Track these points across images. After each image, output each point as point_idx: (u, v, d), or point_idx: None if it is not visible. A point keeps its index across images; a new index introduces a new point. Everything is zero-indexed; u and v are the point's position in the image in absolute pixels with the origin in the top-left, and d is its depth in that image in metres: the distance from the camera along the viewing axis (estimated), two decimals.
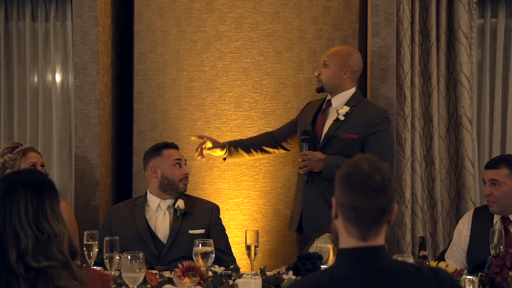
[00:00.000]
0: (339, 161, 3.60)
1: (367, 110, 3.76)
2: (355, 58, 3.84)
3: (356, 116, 3.73)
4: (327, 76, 3.79)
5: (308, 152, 3.70)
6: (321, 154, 3.68)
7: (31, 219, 1.97)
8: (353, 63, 3.81)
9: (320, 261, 2.96)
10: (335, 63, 3.79)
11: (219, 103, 4.39)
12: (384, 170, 1.83)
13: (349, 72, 3.79)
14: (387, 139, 3.75)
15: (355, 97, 3.81)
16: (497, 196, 3.42)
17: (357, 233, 1.83)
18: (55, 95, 4.49)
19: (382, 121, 3.74)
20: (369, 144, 3.69)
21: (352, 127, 3.71)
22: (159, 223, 3.56)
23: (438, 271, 1.87)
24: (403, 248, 4.16)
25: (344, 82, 3.80)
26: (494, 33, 4.43)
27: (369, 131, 3.70)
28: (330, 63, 3.80)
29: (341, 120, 3.73)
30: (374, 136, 3.70)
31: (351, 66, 3.80)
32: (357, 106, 3.76)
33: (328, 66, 3.80)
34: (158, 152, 3.65)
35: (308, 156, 3.68)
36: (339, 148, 3.69)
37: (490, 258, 2.97)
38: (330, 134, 3.73)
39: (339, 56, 3.81)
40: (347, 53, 3.84)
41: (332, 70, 3.79)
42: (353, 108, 3.75)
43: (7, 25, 4.52)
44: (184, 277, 2.75)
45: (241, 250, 3.94)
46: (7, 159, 3.68)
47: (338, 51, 3.86)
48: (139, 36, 4.40)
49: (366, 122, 3.71)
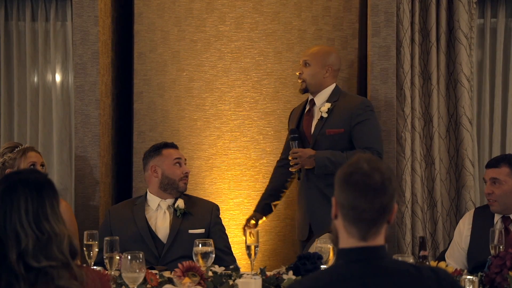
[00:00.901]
0: (328, 154, 3.69)
1: (348, 103, 3.82)
2: (334, 57, 3.91)
3: (338, 110, 3.80)
4: (310, 75, 3.84)
5: (299, 149, 3.75)
6: (311, 150, 3.74)
7: (32, 219, 1.97)
8: (332, 62, 3.87)
9: (320, 261, 2.95)
10: (316, 61, 3.85)
11: (219, 103, 4.39)
12: (384, 170, 1.83)
13: (330, 71, 3.85)
14: (372, 127, 3.80)
15: (335, 92, 3.87)
16: (498, 195, 3.43)
17: (357, 233, 1.83)
18: (55, 95, 4.49)
19: (364, 110, 3.79)
20: (355, 135, 3.76)
21: (336, 121, 3.78)
22: (159, 222, 3.56)
23: (438, 271, 1.87)
24: (403, 248, 4.16)
25: (326, 80, 3.86)
26: (494, 33, 4.43)
27: (353, 122, 3.76)
28: (311, 62, 3.85)
29: (325, 117, 3.79)
30: (358, 126, 3.76)
31: (331, 65, 3.86)
32: (338, 101, 3.83)
33: (309, 65, 3.85)
34: (158, 152, 3.65)
35: (299, 153, 3.73)
36: (328, 145, 3.75)
37: (490, 258, 2.97)
38: (317, 133, 3.79)
39: (320, 55, 3.86)
40: (326, 52, 3.90)
41: (314, 69, 3.84)
42: (334, 104, 3.81)
43: (7, 25, 4.52)
44: (184, 277, 2.75)
45: (241, 250, 3.94)
46: (7, 159, 3.68)
47: (318, 50, 3.91)
48: (139, 36, 4.40)
49: (349, 114, 3.77)
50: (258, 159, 4.33)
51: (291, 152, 3.76)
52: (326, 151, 3.72)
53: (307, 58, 3.87)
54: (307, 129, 3.85)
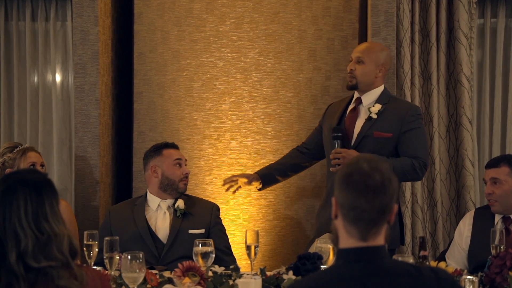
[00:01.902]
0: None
1: (400, 108, 3.66)
2: (387, 56, 3.74)
3: (388, 114, 3.62)
4: (363, 72, 3.65)
5: (343, 150, 3.54)
6: (356, 152, 3.53)
7: (31, 219, 1.97)
8: (385, 61, 3.70)
9: (320, 261, 2.95)
10: (370, 60, 3.66)
11: (219, 103, 4.39)
12: (384, 170, 1.83)
13: (383, 71, 3.69)
14: (422, 136, 3.65)
15: (385, 94, 3.70)
16: (498, 195, 3.43)
17: (357, 233, 1.83)
18: (55, 95, 4.49)
19: (416, 118, 3.63)
20: (403, 142, 3.59)
21: (386, 125, 3.60)
22: (159, 223, 3.56)
23: (438, 271, 1.87)
24: (403, 248, 4.16)
25: (377, 80, 3.68)
26: (494, 33, 4.43)
27: (404, 128, 3.59)
28: (365, 60, 3.66)
29: (374, 119, 3.61)
30: (408, 133, 3.59)
31: (385, 64, 3.69)
32: (388, 103, 3.65)
33: (363, 63, 3.66)
34: (158, 152, 3.65)
35: (342, 154, 3.52)
36: (373, 147, 3.57)
37: (490, 258, 2.97)
38: (363, 133, 3.61)
39: (374, 53, 3.68)
40: (381, 50, 3.73)
41: (368, 67, 3.65)
42: (385, 106, 3.64)
43: (7, 25, 4.52)
44: (184, 277, 2.75)
45: (241, 250, 3.94)
46: (6, 159, 3.68)
47: (372, 47, 3.73)
48: (139, 36, 4.40)
49: (400, 120, 3.60)
50: (258, 159, 4.33)
51: (334, 152, 3.54)
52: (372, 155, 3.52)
53: (360, 55, 3.67)
54: (350, 127, 3.66)
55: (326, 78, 4.37)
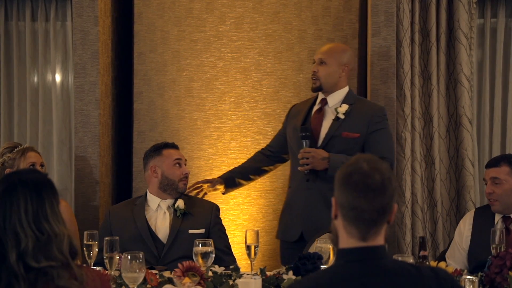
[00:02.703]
0: (343, 159, 3.51)
1: (366, 108, 3.72)
2: (350, 56, 3.79)
3: (355, 114, 3.68)
4: (326, 74, 3.71)
5: (312, 149, 3.59)
6: (324, 151, 3.59)
7: (31, 219, 1.96)
8: (348, 61, 3.75)
9: (320, 261, 2.95)
10: (333, 60, 3.71)
11: (219, 103, 4.39)
12: (383, 170, 1.83)
13: (346, 70, 3.74)
14: (388, 137, 3.72)
15: (351, 95, 3.76)
16: (498, 194, 3.43)
17: (357, 233, 1.83)
18: (55, 95, 4.49)
19: (382, 119, 3.70)
20: (370, 142, 3.65)
21: (353, 125, 3.65)
22: (159, 223, 3.56)
23: (438, 271, 1.87)
24: (403, 248, 4.16)
25: (341, 80, 3.74)
26: (494, 33, 4.43)
27: (370, 129, 3.65)
28: (327, 61, 3.71)
29: (342, 119, 3.66)
30: (375, 134, 3.65)
31: (347, 64, 3.74)
32: (354, 104, 3.71)
33: (325, 64, 3.71)
34: (158, 152, 3.65)
35: (312, 153, 3.57)
36: (341, 147, 3.62)
37: (490, 258, 2.97)
38: (331, 134, 3.66)
39: (336, 54, 3.73)
40: (343, 51, 3.78)
41: (331, 67, 3.71)
42: (351, 107, 3.69)
43: (7, 25, 4.52)
44: (184, 277, 2.75)
45: (241, 250, 3.94)
46: (6, 159, 3.69)
47: (334, 48, 3.78)
48: (139, 36, 4.40)
49: (367, 120, 3.66)
50: None
51: (303, 151, 3.58)
52: (341, 155, 3.55)
53: (322, 56, 3.72)
54: (317, 127, 3.70)
55: None
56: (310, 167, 3.60)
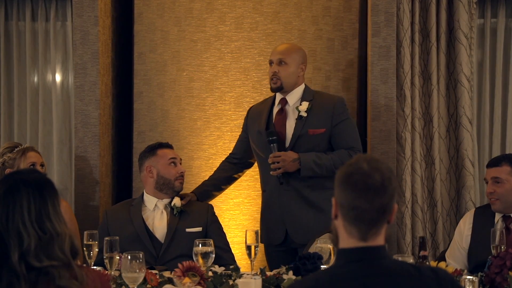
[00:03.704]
0: (314, 157, 3.57)
1: (326, 101, 3.72)
2: (305, 55, 3.82)
3: (317, 110, 3.69)
4: (287, 74, 3.71)
5: (281, 153, 3.59)
6: (294, 153, 3.59)
7: (34, 219, 1.96)
8: (304, 60, 3.78)
9: (320, 261, 2.95)
10: (292, 60, 3.72)
11: (219, 103, 4.39)
12: (384, 170, 1.83)
13: (304, 69, 3.76)
14: (353, 127, 3.74)
15: (308, 91, 3.77)
16: (499, 194, 3.43)
17: (357, 233, 1.83)
18: (55, 95, 4.49)
19: (344, 109, 3.72)
20: (336, 135, 3.66)
21: (317, 121, 3.66)
22: (157, 222, 3.56)
23: (438, 271, 1.87)
24: (403, 248, 4.16)
25: (299, 79, 3.76)
26: (494, 33, 4.43)
27: (335, 121, 3.66)
28: (287, 60, 3.71)
29: (305, 117, 3.67)
30: (340, 125, 3.67)
31: (304, 62, 3.77)
32: (314, 99, 3.72)
33: (285, 64, 3.71)
34: (153, 152, 3.65)
35: (281, 157, 3.57)
36: (308, 146, 3.63)
37: (490, 258, 2.97)
38: (298, 133, 3.65)
39: (295, 53, 3.74)
40: (299, 50, 3.80)
41: (291, 67, 3.71)
42: (311, 103, 3.70)
43: (7, 25, 4.52)
44: (184, 277, 2.75)
45: (241, 250, 3.94)
46: (6, 159, 3.69)
47: (291, 48, 3.78)
48: (139, 36, 4.40)
49: (329, 113, 3.67)
50: None
51: (272, 156, 3.58)
52: (311, 154, 3.58)
53: (282, 56, 3.71)
54: (281, 129, 3.69)
55: (326, 78, 4.37)
56: (282, 171, 3.60)
